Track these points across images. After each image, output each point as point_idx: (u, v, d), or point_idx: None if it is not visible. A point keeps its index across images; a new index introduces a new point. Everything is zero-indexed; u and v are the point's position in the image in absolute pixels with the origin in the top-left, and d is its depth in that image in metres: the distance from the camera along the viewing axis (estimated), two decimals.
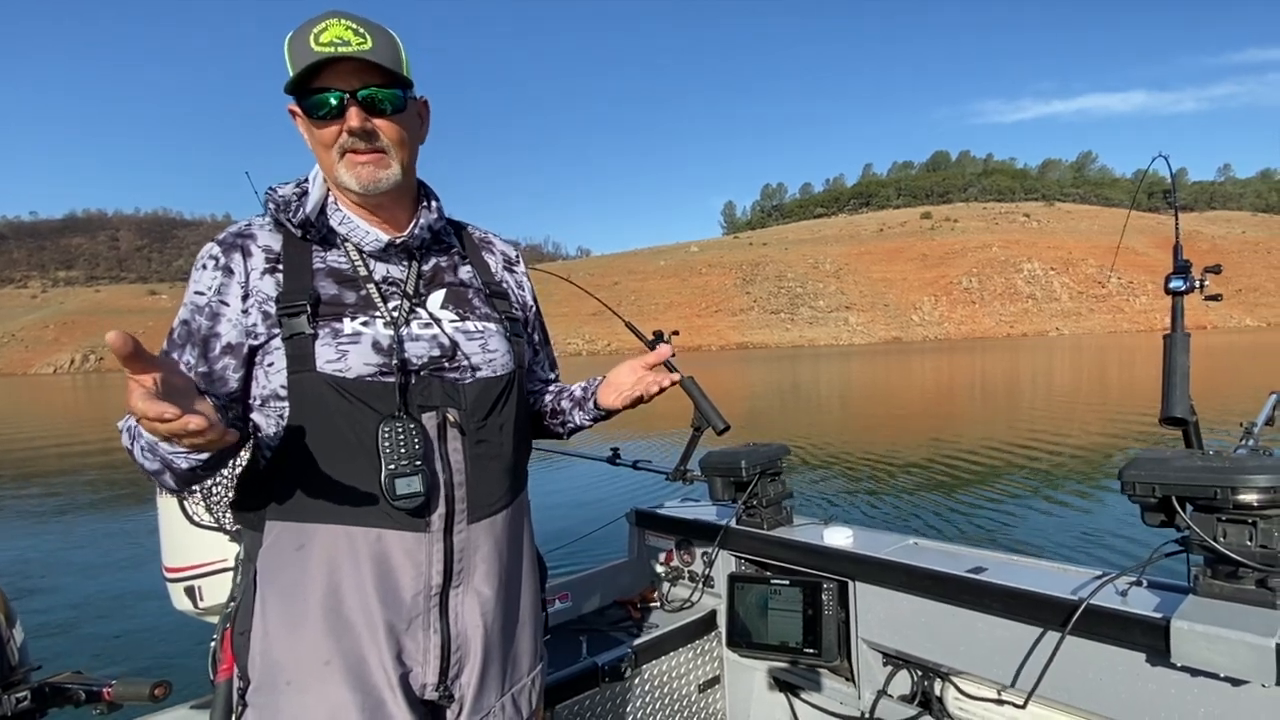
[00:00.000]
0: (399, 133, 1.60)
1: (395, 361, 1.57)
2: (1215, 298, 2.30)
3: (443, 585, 1.61)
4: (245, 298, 1.57)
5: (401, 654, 1.57)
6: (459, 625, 1.64)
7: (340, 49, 1.46)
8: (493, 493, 1.70)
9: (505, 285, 1.92)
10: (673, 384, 1.91)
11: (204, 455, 1.41)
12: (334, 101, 1.51)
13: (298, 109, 1.56)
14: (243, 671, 1.58)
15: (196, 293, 1.57)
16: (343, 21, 1.49)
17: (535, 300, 2.05)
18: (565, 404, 2.07)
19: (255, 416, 1.61)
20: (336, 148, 1.55)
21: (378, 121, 1.56)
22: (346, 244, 1.67)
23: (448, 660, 1.62)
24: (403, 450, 1.54)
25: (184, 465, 1.42)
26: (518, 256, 2.02)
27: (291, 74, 1.49)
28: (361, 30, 1.50)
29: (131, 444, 1.47)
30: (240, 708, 1.59)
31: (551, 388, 2.14)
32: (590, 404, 2.03)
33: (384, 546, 1.55)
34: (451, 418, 1.61)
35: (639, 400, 1.93)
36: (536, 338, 2.07)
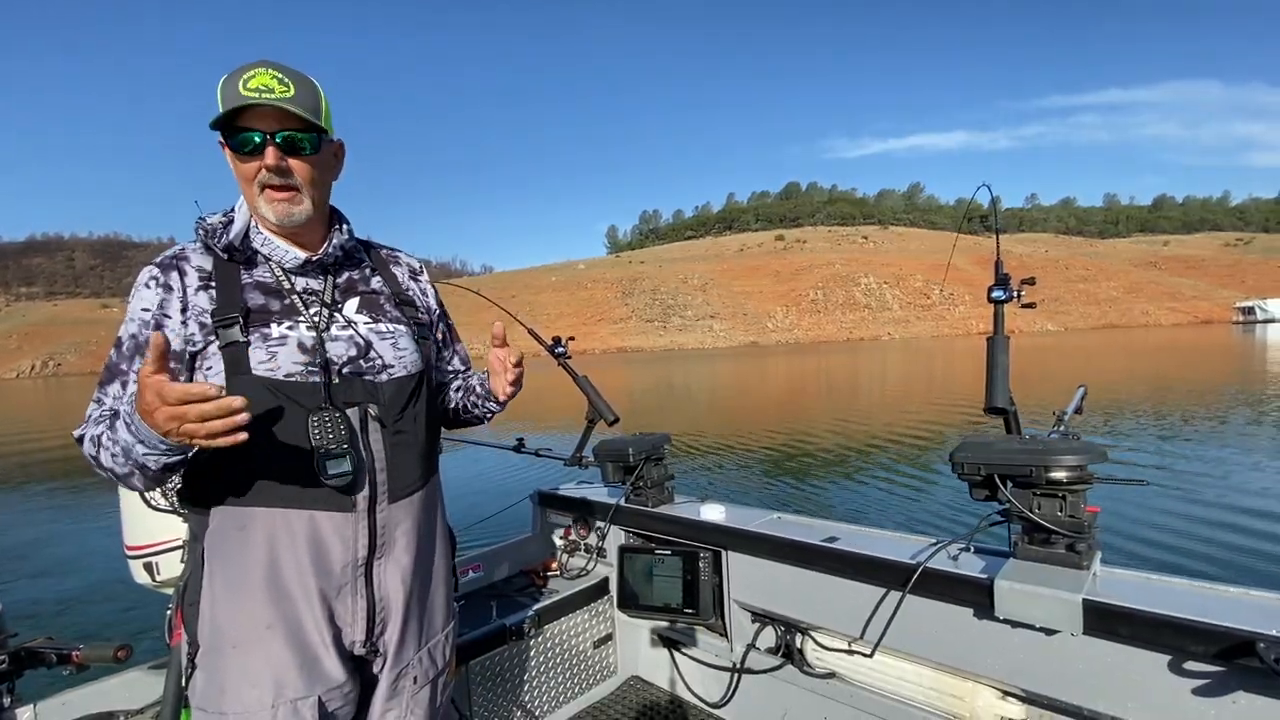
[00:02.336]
0: (311, 173, 1.64)
1: (319, 360, 1.61)
2: (1030, 305, 2.37)
3: (368, 557, 1.65)
4: (184, 310, 1.58)
5: (333, 616, 1.61)
6: (382, 590, 1.68)
7: (264, 95, 1.50)
8: (410, 476, 1.74)
9: (411, 293, 1.95)
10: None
11: (177, 457, 1.42)
12: (256, 140, 1.54)
13: (224, 144, 1.58)
14: (192, 638, 1.59)
15: (142, 309, 1.58)
16: (270, 71, 1.53)
17: (440, 304, 2.08)
18: (476, 394, 2.06)
19: None
20: (256, 183, 1.59)
21: (293, 161, 1.60)
22: (269, 262, 1.69)
23: (373, 620, 1.66)
24: (330, 436, 1.57)
25: (156, 467, 1.42)
26: (420, 268, 2.05)
27: (221, 113, 1.52)
28: (286, 80, 1.54)
29: (98, 451, 1.48)
30: (190, 670, 1.59)
31: (457, 381, 2.14)
32: (483, 406, 2.06)
33: (316, 525, 1.58)
34: (372, 411, 1.66)
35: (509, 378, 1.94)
36: (444, 336, 2.09)
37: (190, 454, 1.46)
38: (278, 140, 1.56)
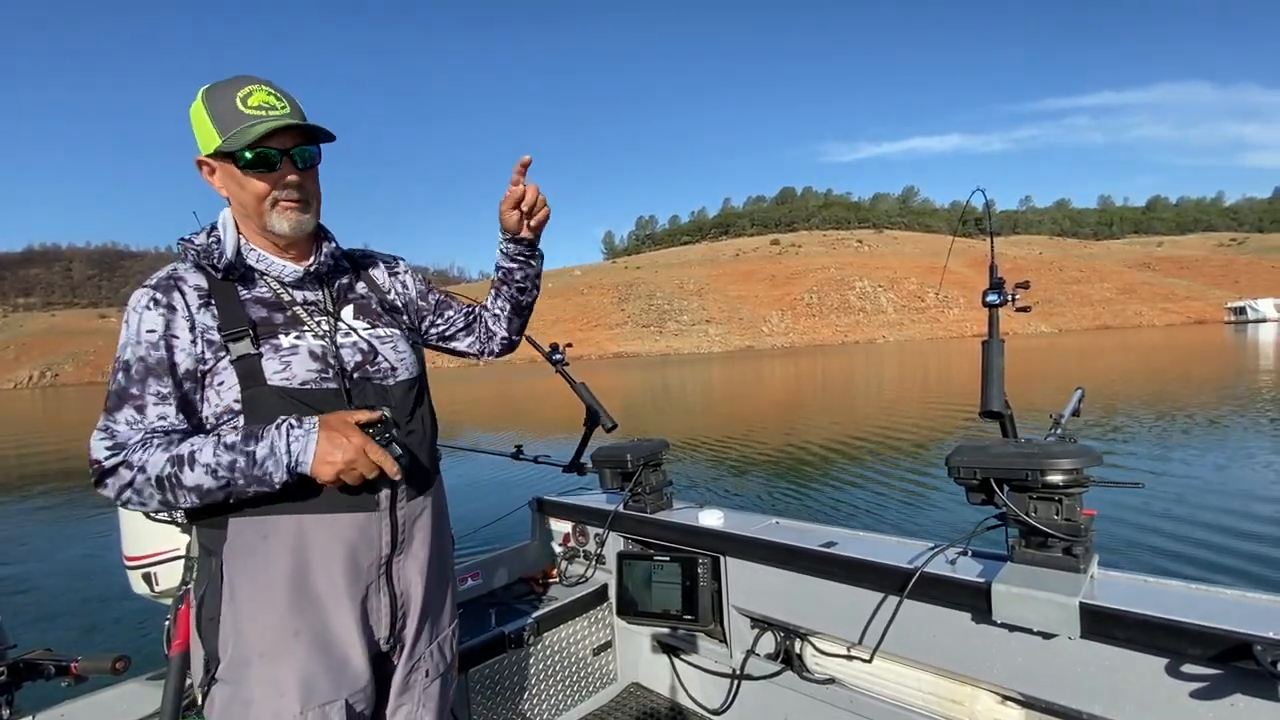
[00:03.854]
0: (315, 183, 1.69)
1: (335, 368, 1.64)
2: (1025, 309, 2.37)
3: (390, 554, 1.67)
4: (191, 329, 1.58)
5: (361, 616, 1.63)
6: (402, 585, 1.71)
7: (271, 113, 1.53)
8: (422, 473, 1.78)
9: (394, 295, 1.97)
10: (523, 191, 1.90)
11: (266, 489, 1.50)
12: (274, 158, 1.56)
13: (217, 162, 1.60)
14: (211, 654, 1.58)
15: (148, 330, 1.55)
16: (263, 88, 1.55)
17: (425, 282, 2.09)
18: (502, 296, 2.12)
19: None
20: (270, 198, 1.60)
21: (303, 174, 1.63)
22: (265, 277, 1.70)
23: (395, 615, 1.69)
24: (376, 428, 1.58)
25: (304, 426, 1.50)
26: (395, 259, 2.05)
27: (219, 131, 1.53)
28: (281, 96, 1.57)
29: (179, 469, 1.45)
30: (208, 685, 1.58)
31: (481, 313, 2.18)
32: (510, 261, 2.05)
33: (343, 527, 1.60)
34: (387, 414, 1.65)
35: (524, 213, 1.94)
36: (439, 302, 2.11)
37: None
38: (294, 156, 1.59)
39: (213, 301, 1.61)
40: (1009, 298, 2.41)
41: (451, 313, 2.12)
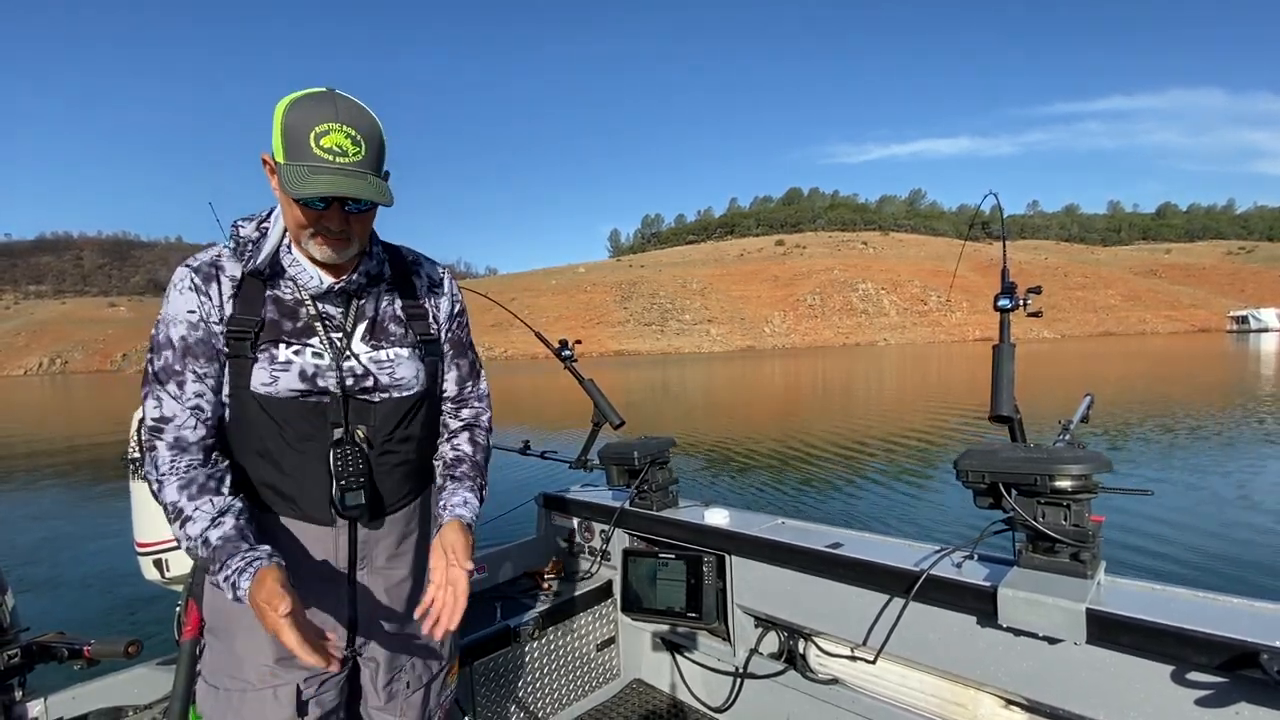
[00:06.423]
0: (365, 224, 1.64)
1: (318, 386, 1.65)
2: (1036, 314, 2.38)
3: (349, 568, 1.71)
4: (220, 320, 1.62)
5: (314, 616, 1.65)
6: (365, 602, 1.75)
7: (338, 159, 1.45)
8: (396, 493, 1.79)
9: (425, 307, 1.89)
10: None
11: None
12: (322, 206, 1.51)
13: (279, 177, 1.50)
14: (203, 615, 1.74)
15: (188, 311, 1.60)
16: (343, 128, 1.46)
17: (455, 317, 1.97)
18: (443, 481, 1.90)
19: None
20: (309, 229, 1.56)
21: (351, 218, 1.58)
22: (294, 282, 1.69)
23: (354, 629, 1.74)
24: (350, 470, 1.65)
25: (241, 588, 1.48)
26: (441, 278, 1.95)
27: (284, 151, 1.46)
28: (359, 139, 1.48)
29: (175, 518, 1.55)
30: (202, 642, 1.76)
31: (460, 434, 1.96)
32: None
33: (297, 533, 1.67)
34: (360, 433, 1.70)
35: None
36: (449, 350, 1.95)
37: None
38: (344, 207, 1.54)
39: (239, 294, 1.64)
40: (1020, 302, 2.41)
41: (454, 373, 1.97)
